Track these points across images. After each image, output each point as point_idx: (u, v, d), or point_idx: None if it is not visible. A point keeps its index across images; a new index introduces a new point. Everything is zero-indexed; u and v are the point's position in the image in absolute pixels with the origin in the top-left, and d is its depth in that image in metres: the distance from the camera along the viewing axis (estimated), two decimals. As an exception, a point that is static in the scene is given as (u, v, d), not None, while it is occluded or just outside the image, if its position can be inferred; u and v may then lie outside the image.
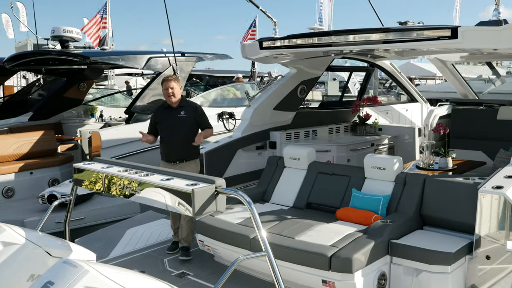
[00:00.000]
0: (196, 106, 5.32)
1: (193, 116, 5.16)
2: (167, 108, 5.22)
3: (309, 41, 5.54)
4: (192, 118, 5.16)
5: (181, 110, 5.15)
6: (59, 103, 9.97)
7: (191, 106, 5.31)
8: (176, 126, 5.10)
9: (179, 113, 5.14)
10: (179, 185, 3.05)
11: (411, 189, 4.49)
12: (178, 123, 5.10)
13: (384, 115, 8.69)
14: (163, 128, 5.17)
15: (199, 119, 5.21)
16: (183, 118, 5.12)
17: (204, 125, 5.25)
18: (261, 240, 2.87)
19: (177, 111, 5.14)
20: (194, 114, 5.18)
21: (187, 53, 8.95)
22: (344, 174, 5.00)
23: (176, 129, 5.09)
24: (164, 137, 5.18)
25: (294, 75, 7.02)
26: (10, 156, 7.60)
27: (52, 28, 8.53)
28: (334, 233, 4.14)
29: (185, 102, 5.33)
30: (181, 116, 5.13)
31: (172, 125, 5.11)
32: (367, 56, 7.89)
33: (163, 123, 5.17)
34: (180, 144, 5.08)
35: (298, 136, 7.03)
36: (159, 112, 5.31)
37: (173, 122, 5.11)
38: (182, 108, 5.17)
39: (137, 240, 5.58)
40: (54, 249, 3.27)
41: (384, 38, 5.19)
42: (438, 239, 4.10)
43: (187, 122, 5.12)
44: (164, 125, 5.16)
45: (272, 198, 5.36)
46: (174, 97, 5.12)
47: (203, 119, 5.25)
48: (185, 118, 5.12)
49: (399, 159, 4.71)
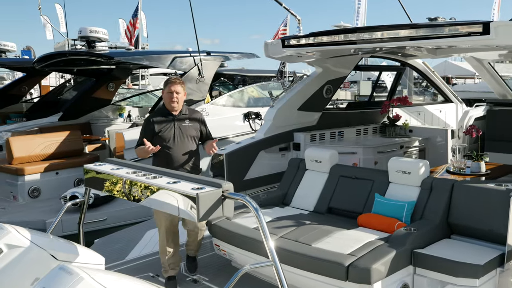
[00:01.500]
0: (200, 115, 4.68)
1: (198, 126, 4.57)
2: (168, 115, 4.45)
3: (333, 39, 5.33)
4: (197, 128, 4.55)
5: (184, 119, 4.48)
6: (88, 103, 10.09)
7: (195, 114, 4.63)
8: (181, 138, 4.41)
9: (183, 122, 4.46)
10: (184, 188, 2.93)
11: (438, 195, 4.21)
12: (183, 134, 4.43)
13: (416, 116, 8.34)
14: (164, 139, 4.37)
15: (205, 130, 4.64)
16: (188, 128, 4.46)
17: (210, 136, 4.67)
18: (268, 249, 2.71)
19: (180, 120, 4.46)
20: (200, 124, 4.58)
21: (213, 53, 8.87)
22: (367, 178, 4.75)
23: (181, 141, 4.41)
24: (165, 150, 4.37)
25: (320, 75, 6.81)
26: (37, 156, 7.70)
27: (79, 28, 8.62)
28: (354, 240, 3.92)
29: (187, 110, 4.59)
30: (186, 125, 4.46)
31: (176, 137, 4.40)
32: (398, 55, 7.58)
33: (164, 133, 4.38)
34: (185, 159, 4.42)
35: (324, 137, 6.81)
36: (157, 119, 4.45)
37: (178, 133, 4.41)
38: (186, 116, 4.50)
39: (156, 242, 5.48)
40: (60, 253, 3.19)
41: (411, 34, 4.93)
42: (466, 250, 3.82)
43: (193, 133, 4.49)
44: (166, 136, 4.38)
45: (293, 201, 5.17)
46: (177, 103, 4.42)
47: (208, 130, 4.68)
48: (191, 128, 4.48)
49: (425, 162, 4.43)
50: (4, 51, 12.21)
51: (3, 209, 6.91)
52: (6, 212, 6.83)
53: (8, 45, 12.21)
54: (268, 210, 4.94)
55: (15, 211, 6.85)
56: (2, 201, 7.33)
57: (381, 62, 10.44)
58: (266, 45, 6.11)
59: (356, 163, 6.26)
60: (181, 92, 4.45)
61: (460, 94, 9.04)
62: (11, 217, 6.55)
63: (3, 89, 11.61)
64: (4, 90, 11.46)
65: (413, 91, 16.20)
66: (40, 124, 9.42)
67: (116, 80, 10.49)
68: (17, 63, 11.65)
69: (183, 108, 4.52)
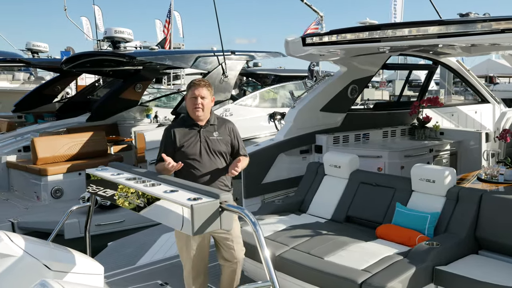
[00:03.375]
0: (232, 126, 3.78)
1: (230, 140, 3.70)
2: (192, 126, 3.64)
3: (356, 36, 5.03)
4: (228, 142, 3.68)
5: (212, 130, 3.65)
6: (115, 104, 10.09)
7: (227, 124, 3.75)
8: (208, 154, 3.60)
9: (211, 134, 3.62)
10: (180, 198, 2.75)
11: (465, 206, 3.86)
12: (210, 150, 3.60)
13: (449, 117, 7.89)
14: (187, 155, 3.57)
15: (237, 144, 3.73)
16: (217, 142, 3.62)
17: (242, 151, 3.76)
18: (266, 267, 2.48)
19: (207, 131, 3.64)
20: (231, 136, 3.71)
21: (238, 52, 8.68)
22: (389, 185, 4.44)
23: (208, 157, 3.59)
24: (189, 168, 3.57)
25: (344, 74, 6.50)
26: (61, 157, 7.73)
27: (105, 29, 8.61)
28: (370, 254, 3.64)
29: (216, 119, 3.75)
30: (215, 139, 3.62)
31: (202, 153, 3.58)
32: (429, 53, 7.17)
33: (187, 148, 3.59)
34: (212, 179, 3.59)
35: (347, 139, 6.50)
36: (179, 130, 3.65)
37: (204, 148, 3.59)
38: (213, 127, 3.67)
39: (169, 247, 5.37)
40: (55, 263, 3.06)
41: (440, 31, 4.58)
42: (494, 268, 3.47)
43: (222, 148, 3.64)
44: (190, 151, 3.58)
45: (310, 208, 4.91)
46: (202, 111, 3.58)
47: (240, 144, 3.77)
48: (220, 142, 3.63)
49: (452, 170, 4.08)
50: (37, 52, 12.45)
51: (25, 209, 6.96)
52: (28, 212, 6.87)
53: (41, 45, 12.43)
54: (283, 217, 4.71)
55: (37, 211, 6.89)
56: (26, 201, 7.39)
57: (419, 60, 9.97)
58: (287, 43, 5.86)
59: (381, 168, 5.92)
60: (207, 96, 3.60)
61: (501, 94, 8.48)
62: (32, 217, 6.58)
63: (37, 89, 11.84)
64: (38, 90, 11.68)
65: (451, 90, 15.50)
66: (68, 125, 9.50)
67: (143, 81, 10.47)
68: (49, 64, 11.83)
69: (212, 117, 3.68)
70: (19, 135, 9.05)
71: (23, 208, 7.02)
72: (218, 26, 7.69)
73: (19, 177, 7.88)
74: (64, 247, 3.38)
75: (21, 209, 6.96)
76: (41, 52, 12.43)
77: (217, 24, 7.66)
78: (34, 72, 20.47)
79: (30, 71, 20.87)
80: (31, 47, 12.05)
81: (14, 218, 6.41)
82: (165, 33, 19.05)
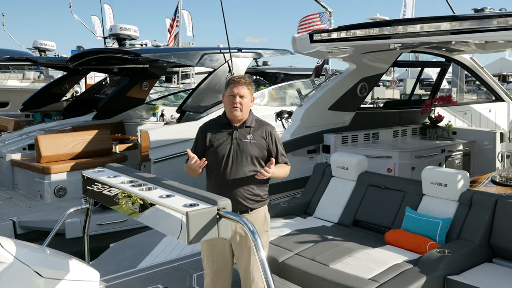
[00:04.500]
0: (271, 129, 3.39)
1: (265, 144, 3.32)
2: (226, 125, 3.34)
3: (365, 33, 4.84)
4: (263, 146, 3.31)
5: (247, 132, 3.30)
6: (121, 102, 10.00)
7: (263, 127, 3.36)
8: (237, 157, 3.26)
9: (244, 137, 3.28)
10: (175, 204, 2.59)
11: (479, 211, 3.66)
12: (241, 152, 3.26)
13: (462, 116, 7.66)
14: (217, 156, 3.27)
15: (275, 149, 3.34)
16: (249, 146, 3.28)
17: (282, 159, 3.37)
18: (266, 283, 2.30)
19: (242, 133, 3.29)
20: (268, 141, 3.34)
21: (244, 49, 8.52)
22: (398, 188, 4.25)
23: (237, 161, 3.26)
24: (217, 171, 3.29)
25: (354, 72, 6.32)
26: (65, 155, 7.64)
27: (110, 26, 8.49)
28: (377, 262, 3.46)
29: (255, 120, 3.37)
30: (247, 142, 3.28)
31: (232, 155, 3.26)
32: (442, 50, 6.95)
33: (217, 148, 3.28)
34: (240, 185, 3.25)
35: (356, 139, 6.31)
36: (211, 129, 3.37)
37: (234, 150, 3.27)
38: (249, 129, 3.32)
39: (172, 249, 5.23)
40: (46, 269, 2.92)
41: (453, 28, 4.38)
42: (509, 277, 3.28)
43: (254, 152, 3.28)
44: (220, 152, 3.28)
45: (316, 211, 4.74)
46: (240, 111, 3.25)
47: (279, 150, 3.36)
48: (253, 145, 3.28)
49: (465, 174, 3.88)
50: (44, 50, 12.40)
51: (28, 208, 6.87)
52: (31, 211, 6.78)
53: (48, 44, 12.39)
54: (288, 220, 4.55)
55: (40, 210, 6.79)
56: (29, 200, 7.31)
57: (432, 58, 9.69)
58: (294, 40, 5.69)
59: (390, 169, 5.74)
60: (247, 96, 3.28)
61: (515, 93, 8.24)
62: (34, 216, 6.49)
63: (45, 88, 11.80)
64: (46, 89, 11.64)
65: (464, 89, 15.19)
66: (73, 123, 9.42)
67: (150, 79, 10.36)
68: (56, 62, 11.77)
69: (250, 118, 3.34)
70: (25, 134, 9.00)
71: (25, 206, 6.93)
72: (224, 22, 7.52)
73: (23, 175, 7.80)
74: (60, 252, 3.24)
75: (24, 207, 6.88)
76: (48, 51, 12.38)
77: (224, 21, 7.51)
78: (44, 71, 20.49)
79: (40, 70, 20.91)
80: (38, 46, 12.02)
81: (16, 217, 6.32)
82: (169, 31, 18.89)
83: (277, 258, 3.69)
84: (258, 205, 3.31)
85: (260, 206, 3.33)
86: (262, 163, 3.29)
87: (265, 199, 3.37)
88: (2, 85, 17.28)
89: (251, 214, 3.26)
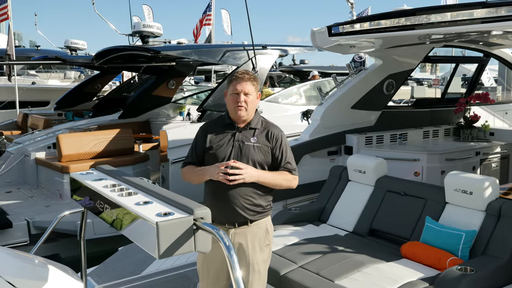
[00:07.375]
0: (278, 132, 3.01)
1: (270, 148, 2.96)
2: (228, 126, 3.01)
3: (384, 24, 4.43)
4: (267, 151, 2.95)
5: (251, 135, 2.96)
6: (148, 101, 9.92)
7: (269, 129, 3.00)
8: (239, 161, 2.88)
9: (247, 139, 2.94)
10: (148, 213, 2.31)
11: (509, 223, 3.21)
12: (242, 156, 2.91)
13: (502, 116, 7.05)
14: (216, 159, 2.94)
15: (280, 155, 2.97)
16: (251, 149, 2.92)
17: (288, 166, 2.99)
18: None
19: (245, 135, 2.96)
20: (273, 145, 2.96)
21: (269, 46, 8.20)
22: (419, 195, 3.84)
23: None
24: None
25: (380, 68, 5.90)
26: (86, 154, 7.56)
27: (133, 23, 8.40)
28: (389, 279, 3.08)
29: (261, 121, 3.04)
30: (250, 145, 2.93)
31: (233, 157, 2.91)
32: (479, 44, 6.39)
33: (217, 150, 2.95)
34: (239, 192, 2.89)
35: (382, 140, 5.88)
36: (213, 129, 3.05)
37: (235, 153, 2.92)
38: (254, 132, 2.97)
39: (178, 255, 4.99)
40: (21, 280, 2.73)
41: (486, 15, 3.91)
42: (543, 303, 2.82)
43: (257, 157, 2.93)
44: (220, 154, 2.94)
45: (330, 218, 4.37)
46: (246, 110, 2.93)
47: (284, 155, 2.99)
48: (256, 149, 2.93)
49: (493, 180, 3.42)
50: (75, 49, 12.53)
51: (46, 207, 6.83)
52: (49, 210, 6.73)
53: (79, 43, 12.50)
54: (299, 228, 4.21)
55: (57, 210, 6.72)
56: (49, 199, 7.27)
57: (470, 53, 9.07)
58: (313, 33, 5.32)
59: (418, 173, 5.28)
60: (252, 92, 2.93)
61: None
62: (48, 216, 6.41)
63: (78, 87, 11.91)
64: (79, 88, 11.75)
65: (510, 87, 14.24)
66: (99, 122, 9.39)
67: (177, 77, 10.23)
68: (84, 60, 11.85)
69: (255, 119, 3.00)
70: (52, 132, 9.03)
71: (44, 206, 6.88)
72: (248, 18, 7.24)
73: (46, 174, 7.79)
74: (47, 261, 3.03)
75: (42, 207, 6.83)
76: (80, 50, 12.50)
77: (247, 15, 7.22)
78: (85, 70, 20.90)
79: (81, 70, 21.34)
80: (69, 45, 12.14)
81: (30, 217, 6.27)
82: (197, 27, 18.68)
83: (279, 270, 3.37)
84: (259, 217, 2.95)
85: (262, 218, 2.96)
86: (265, 168, 2.94)
87: (267, 210, 3.01)
88: (43, 85, 17.70)
89: (251, 227, 2.92)
